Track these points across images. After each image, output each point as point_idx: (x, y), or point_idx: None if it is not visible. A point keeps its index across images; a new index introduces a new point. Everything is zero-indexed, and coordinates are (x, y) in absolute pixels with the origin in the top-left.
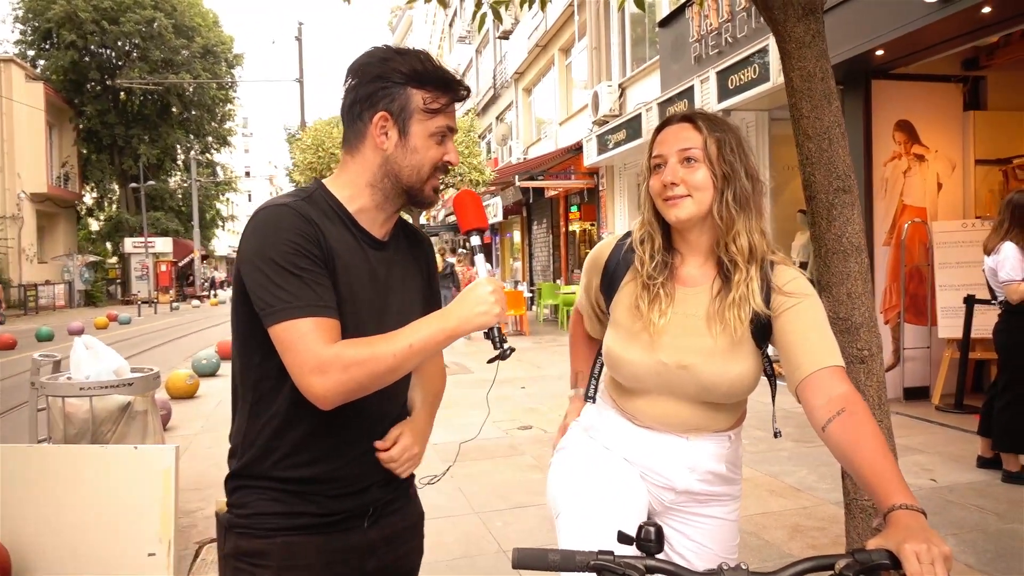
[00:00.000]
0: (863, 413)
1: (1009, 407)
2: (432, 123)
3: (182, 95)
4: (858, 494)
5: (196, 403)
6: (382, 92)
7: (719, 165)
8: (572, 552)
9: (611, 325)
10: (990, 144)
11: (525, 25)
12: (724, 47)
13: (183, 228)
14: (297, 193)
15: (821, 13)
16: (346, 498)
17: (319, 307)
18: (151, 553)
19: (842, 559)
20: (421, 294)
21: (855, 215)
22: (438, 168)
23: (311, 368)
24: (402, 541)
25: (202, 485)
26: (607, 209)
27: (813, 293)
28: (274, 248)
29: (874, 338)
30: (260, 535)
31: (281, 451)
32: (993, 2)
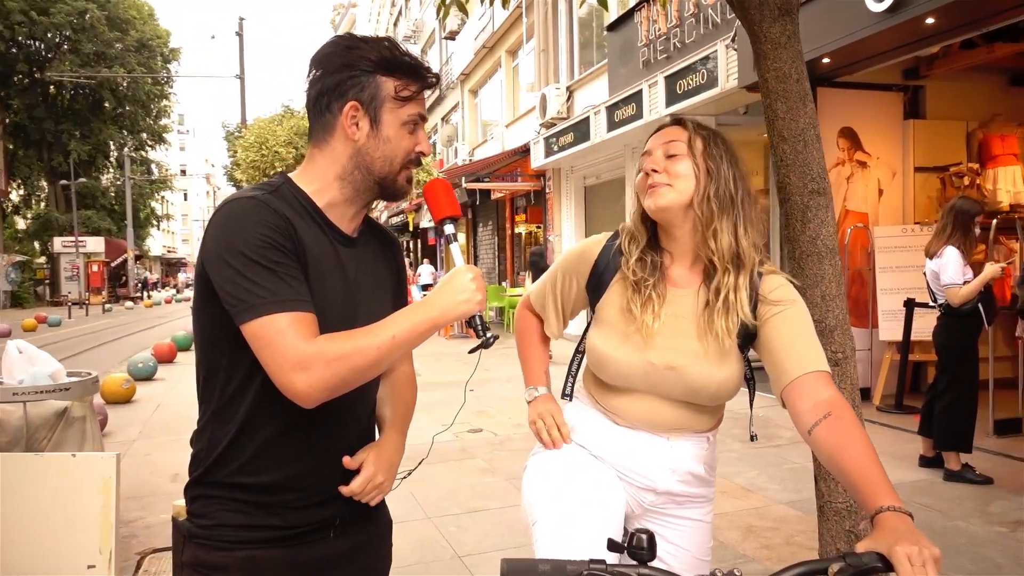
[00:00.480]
0: (849, 417)
1: (950, 407)
2: (404, 111)
3: (115, 90)
4: (832, 496)
5: (133, 408)
6: (350, 81)
7: (703, 160)
8: (563, 562)
9: (597, 323)
10: (928, 152)
11: (472, 26)
12: (672, 52)
13: (116, 227)
14: (263, 186)
15: (796, 14)
16: (312, 509)
17: (296, 301)
18: (91, 565)
19: (834, 563)
20: (391, 293)
21: (829, 217)
22: (410, 159)
23: (292, 364)
24: (369, 551)
25: (141, 493)
26: (554, 211)
27: (799, 299)
28: (244, 242)
29: (848, 340)
30: (221, 547)
31: (245, 455)
32: (937, 13)
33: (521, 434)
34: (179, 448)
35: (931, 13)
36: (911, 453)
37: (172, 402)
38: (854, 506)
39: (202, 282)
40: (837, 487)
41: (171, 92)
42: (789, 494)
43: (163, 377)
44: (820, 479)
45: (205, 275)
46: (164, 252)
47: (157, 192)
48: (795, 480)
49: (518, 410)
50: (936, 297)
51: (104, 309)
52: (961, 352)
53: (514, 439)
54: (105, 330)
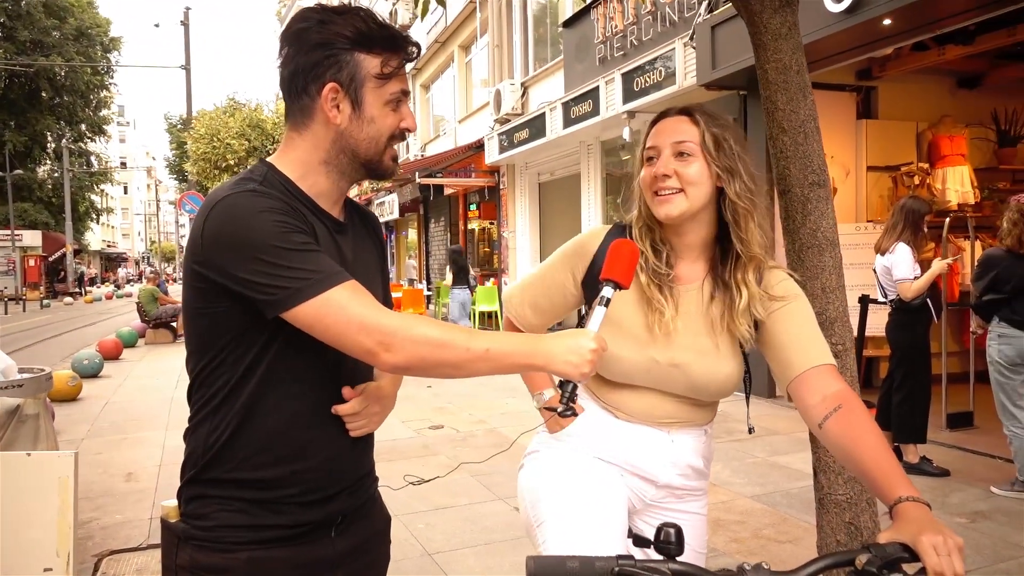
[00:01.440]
0: (860, 410)
1: (906, 400)
2: (386, 89)
3: (53, 79)
4: (832, 489)
5: (80, 406)
6: (327, 61)
7: (720, 159)
8: (591, 559)
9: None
10: (880, 151)
11: (424, 20)
12: (629, 49)
13: (54, 221)
14: (250, 177)
15: (797, 5)
16: (315, 507)
17: (340, 273)
18: (48, 568)
19: (861, 554)
20: (379, 277)
21: (829, 209)
22: (395, 136)
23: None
24: (369, 548)
25: (93, 494)
26: (508, 208)
27: (801, 293)
28: (262, 233)
29: (848, 332)
30: (223, 549)
31: (246, 450)
32: (893, 15)
33: (483, 430)
34: (130, 447)
35: (888, 15)
36: None
37: (120, 399)
38: (854, 498)
39: (199, 281)
40: (837, 479)
41: (111, 82)
42: (754, 488)
43: (109, 374)
44: (820, 472)
45: (202, 273)
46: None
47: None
48: (758, 474)
49: (478, 406)
50: (887, 293)
51: (42, 305)
52: (915, 346)
53: (476, 435)
54: (45, 326)
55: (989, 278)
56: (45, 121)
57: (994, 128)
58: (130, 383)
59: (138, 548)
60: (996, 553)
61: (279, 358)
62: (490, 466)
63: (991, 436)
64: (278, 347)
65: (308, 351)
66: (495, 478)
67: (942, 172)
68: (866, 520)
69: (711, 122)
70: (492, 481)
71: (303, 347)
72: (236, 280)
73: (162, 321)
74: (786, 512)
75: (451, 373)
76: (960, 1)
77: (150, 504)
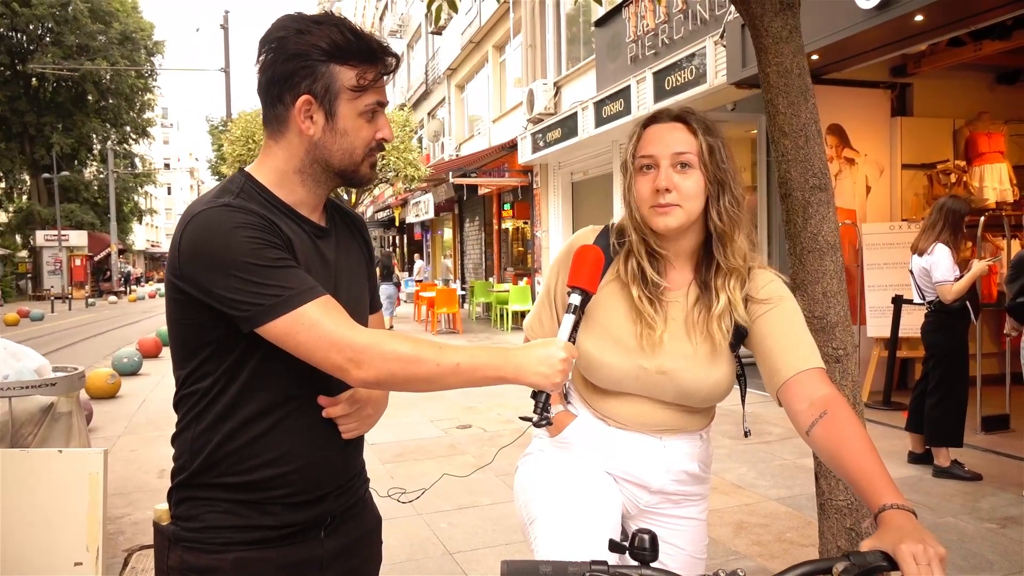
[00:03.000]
0: (846, 414)
1: (940, 403)
2: (360, 101)
3: (99, 83)
4: (832, 494)
5: (118, 403)
6: (302, 72)
7: (715, 172)
8: (564, 564)
9: (587, 326)
10: (916, 149)
11: (458, 21)
12: (660, 48)
13: (99, 221)
14: (227, 189)
15: (798, 9)
16: (303, 508)
17: (313, 289)
18: (78, 563)
19: (839, 562)
20: (365, 279)
21: (831, 213)
22: (372, 148)
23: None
24: (359, 549)
25: (127, 490)
26: (541, 207)
27: (789, 295)
28: (236, 249)
29: (849, 337)
30: (211, 550)
31: (233, 456)
32: (925, 11)
33: (510, 430)
34: (165, 444)
35: (920, 10)
36: (899, 449)
37: (158, 397)
38: (855, 504)
39: (178, 293)
40: (838, 484)
41: (155, 85)
42: (779, 490)
43: (148, 372)
44: (821, 476)
45: (180, 286)
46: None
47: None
48: (785, 477)
49: (507, 406)
50: (924, 294)
51: (87, 303)
52: (952, 348)
53: (503, 435)
54: (88, 325)
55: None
56: (91, 124)
57: None
58: (168, 381)
59: None
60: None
61: (262, 364)
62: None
63: None
64: (261, 354)
65: (291, 357)
66: None
67: (979, 170)
68: (867, 526)
69: (706, 131)
70: None
71: (286, 353)
72: (211, 295)
73: None
74: (811, 516)
75: (423, 388)
76: None
77: None
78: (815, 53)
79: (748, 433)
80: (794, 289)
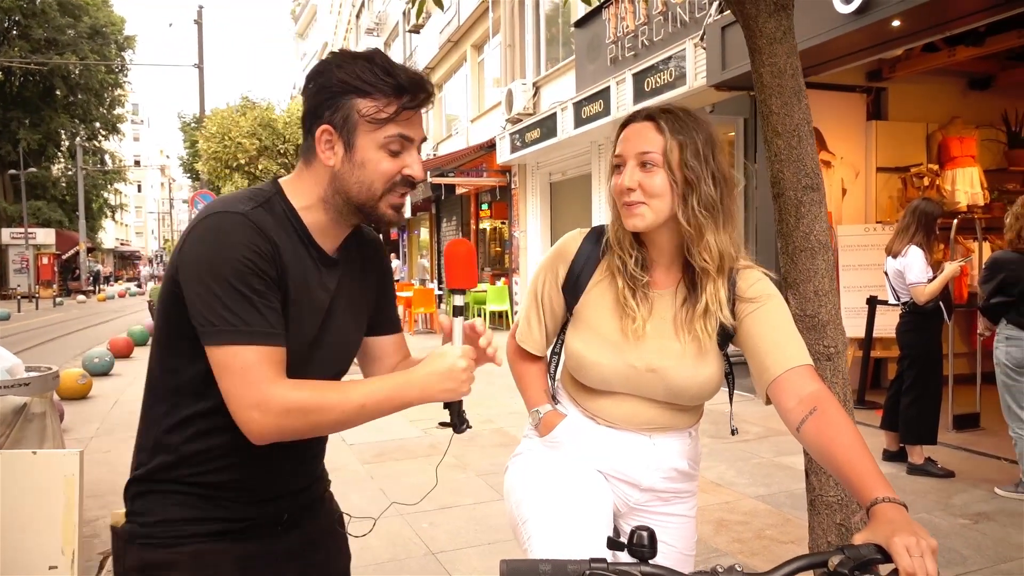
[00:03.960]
0: (835, 410)
1: (915, 402)
2: (380, 133)
3: (67, 77)
4: (823, 490)
5: (90, 404)
6: (327, 103)
7: (680, 171)
8: (563, 562)
9: (576, 326)
10: (890, 152)
11: (436, 20)
12: (640, 50)
13: (67, 219)
14: (255, 196)
15: (792, 9)
16: (259, 504)
17: (268, 335)
18: (53, 566)
19: (834, 555)
20: (367, 312)
21: (822, 213)
22: (396, 183)
23: (252, 402)
24: (320, 545)
25: (101, 492)
26: (519, 207)
27: (776, 293)
28: (225, 263)
29: (840, 335)
30: (168, 544)
31: (194, 458)
32: (903, 16)
33: (489, 430)
34: None
35: (897, 16)
36: (874, 447)
37: (130, 398)
38: (845, 499)
39: (172, 287)
40: (828, 481)
41: (125, 81)
42: (758, 488)
43: (120, 372)
44: (811, 473)
45: (176, 282)
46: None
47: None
48: (763, 475)
49: (486, 406)
50: (899, 295)
51: (55, 303)
52: (926, 348)
53: (484, 435)
54: (57, 324)
55: (997, 281)
56: (59, 119)
57: (1004, 129)
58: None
59: None
60: (998, 554)
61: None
62: (496, 465)
63: (997, 438)
64: None
65: None
66: (501, 478)
67: (952, 173)
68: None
69: (678, 128)
70: (498, 481)
71: None
72: (187, 296)
73: None
74: (790, 513)
75: (330, 431)
76: (970, 2)
77: None
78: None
79: (735, 431)
80: (786, 288)
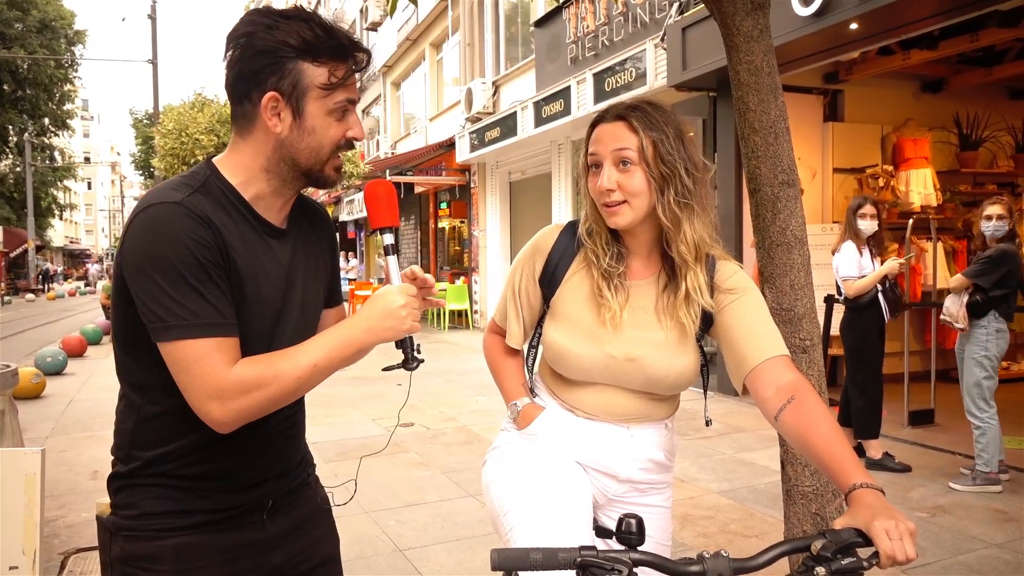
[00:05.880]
0: (812, 399)
1: (861, 397)
2: (330, 99)
3: (15, 72)
4: (799, 480)
5: (43, 403)
6: (270, 68)
7: (656, 167)
8: (554, 550)
9: (553, 318)
10: (846, 153)
11: (395, 18)
12: (601, 50)
13: (15, 216)
14: (189, 182)
15: (768, 8)
16: (242, 492)
17: (219, 325)
18: (13, 566)
19: (816, 540)
20: (324, 279)
21: (798, 208)
22: (340, 146)
23: (209, 393)
24: (308, 529)
25: (59, 492)
26: (478, 206)
27: (753, 286)
28: (167, 256)
29: (815, 328)
30: (151, 537)
31: (172, 453)
32: (860, 19)
33: (452, 428)
34: (96, 444)
35: (855, 19)
36: None
37: (85, 397)
38: (821, 489)
39: (120, 286)
40: (804, 471)
41: (75, 76)
42: (721, 484)
43: (73, 371)
44: (787, 463)
45: (124, 281)
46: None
47: (60, 180)
48: (726, 470)
49: (448, 404)
50: (841, 291)
51: (2, 301)
52: (859, 343)
53: (446, 432)
54: (6, 323)
55: (1001, 273)
56: (7, 115)
57: (956, 132)
58: (95, 380)
59: None
60: (955, 546)
61: None
62: (460, 463)
63: (951, 433)
64: None
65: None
66: (465, 475)
67: (906, 174)
68: (832, 511)
69: (649, 125)
70: (462, 478)
71: None
72: (133, 293)
73: None
74: (753, 507)
75: (293, 399)
76: (925, 7)
77: None
78: None
79: (710, 422)
80: (763, 281)
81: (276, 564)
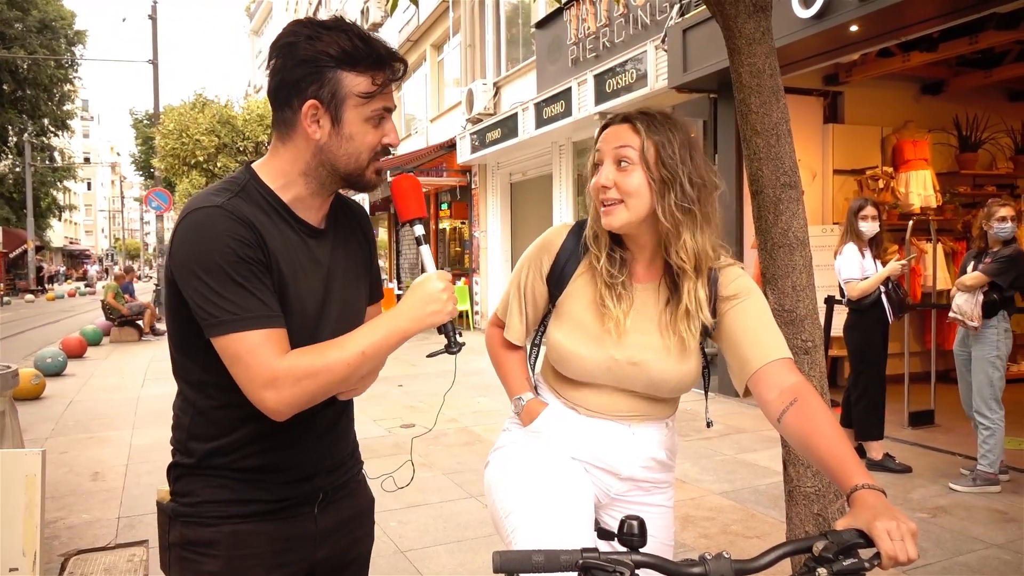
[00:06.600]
0: (815, 401)
1: (862, 398)
2: (367, 107)
3: (15, 72)
4: (801, 481)
5: (43, 404)
6: (310, 77)
7: (657, 170)
8: (556, 552)
9: (558, 318)
10: (846, 155)
11: (396, 19)
12: (602, 51)
13: (15, 217)
14: (229, 186)
15: (770, 10)
16: (295, 484)
17: (267, 317)
18: (13, 568)
19: (818, 541)
20: (364, 276)
21: (800, 210)
22: (377, 152)
23: (263, 382)
24: (352, 528)
25: (60, 493)
26: (479, 207)
27: (756, 288)
28: (212, 256)
29: (817, 330)
30: (208, 523)
31: (228, 445)
32: (860, 21)
33: (454, 428)
34: (96, 446)
35: (855, 21)
36: None
37: (85, 398)
38: (823, 490)
39: (173, 289)
40: (806, 472)
41: (75, 76)
42: (722, 484)
43: (73, 372)
44: (789, 464)
45: (175, 283)
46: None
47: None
48: (727, 471)
49: (450, 405)
50: (843, 293)
51: (3, 302)
52: (863, 344)
53: (448, 434)
54: (5, 324)
55: (1017, 273)
56: (7, 115)
57: (955, 133)
58: (95, 382)
59: (106, 548)
60: (956, 547)
61: None
62: (462, 464)
63: (951, 434)
64: None
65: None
66: (467, 476)
67: (905, 176)
68: (834, 511)
69: (654, 129)
70: (464, 479)
71: None
72: (185, 295)
73: (127, 319)
74: (754, 508)
75: (344, 387)
76: (925, 9)
77: (117, 504)
78: None
79: (711, 423)
80: (765, 283)
81: (319, 558)
